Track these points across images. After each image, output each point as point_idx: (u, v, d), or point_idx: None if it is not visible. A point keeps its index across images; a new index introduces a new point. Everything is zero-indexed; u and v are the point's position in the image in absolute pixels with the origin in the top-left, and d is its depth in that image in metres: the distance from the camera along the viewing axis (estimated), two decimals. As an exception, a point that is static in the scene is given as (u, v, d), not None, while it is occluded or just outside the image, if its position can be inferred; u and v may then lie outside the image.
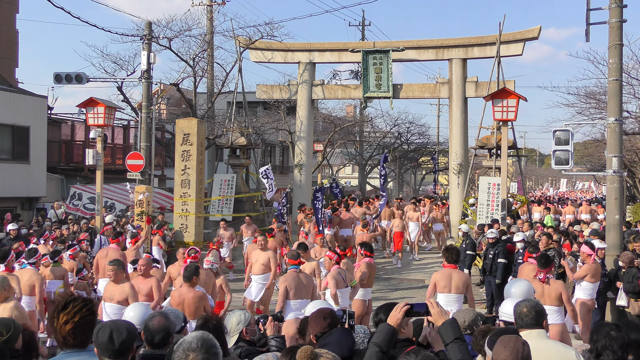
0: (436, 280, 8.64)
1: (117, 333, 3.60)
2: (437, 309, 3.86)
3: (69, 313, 3.46)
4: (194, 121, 18.24)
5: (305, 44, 25.06)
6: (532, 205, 25.38)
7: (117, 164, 27.52)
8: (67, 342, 3.50)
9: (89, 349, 3.57)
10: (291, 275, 8.86)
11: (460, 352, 3.67)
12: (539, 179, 79.42)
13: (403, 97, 24.29)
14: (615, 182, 11.40)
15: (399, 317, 3.80)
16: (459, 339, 3.72)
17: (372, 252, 10.66)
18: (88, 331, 3.57)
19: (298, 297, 8.69)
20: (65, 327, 3.45)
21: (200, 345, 3.17)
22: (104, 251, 11.70)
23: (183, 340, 3.23)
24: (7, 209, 21.17)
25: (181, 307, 8.02)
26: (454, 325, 3.80)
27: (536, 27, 22.19)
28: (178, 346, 3.20)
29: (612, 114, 11.38)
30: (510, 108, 16.04)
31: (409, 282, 16.93)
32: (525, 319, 4.59)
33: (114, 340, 3.58)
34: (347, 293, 9.66)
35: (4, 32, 25.50)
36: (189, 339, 3.22)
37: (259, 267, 11.74)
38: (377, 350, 3.64)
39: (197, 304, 8.03)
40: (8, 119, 21.60)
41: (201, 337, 3.23)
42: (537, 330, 4.56)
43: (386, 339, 3.70)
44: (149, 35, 18.76)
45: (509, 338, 3.62)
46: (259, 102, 33.73)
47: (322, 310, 4.60)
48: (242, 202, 21.44)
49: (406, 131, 41.86)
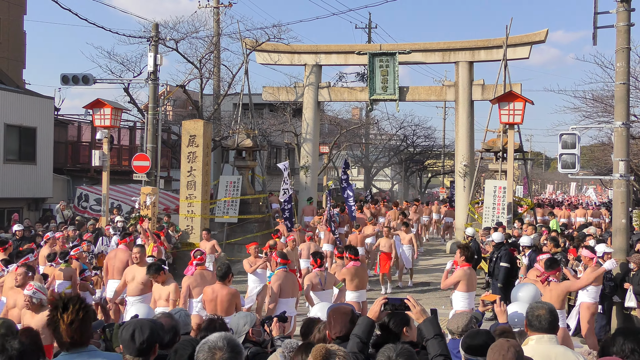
0: (462, 279, 8.82)
1: (139, 331, 3.64)
2: (418, 307, 4.17)
3: (72, 312, 3.45)
4: (200, 123, 18.28)
5: (312, 47, 25.07)
6: (546, 209, 25.46)
7: (123, 165, 27.56)
8: (75, 341, 3.50)
9: (90, 348, 3.58)
10: (282, 274, 9.39)
11: (440, 347, 3.98)
12: (544, 183, 79.17)
13: (409, 99, 24.27)
14: (622, 186, 11.36)
15: (376, 310, 4.18)
16: (439, 335, 4.03)
17: (358, 254, 10.78)
18: (90, 328, 3.60)
19: (286, 295, 9.30)
20: (72, 327, 3.45)
21: (227, 344, 3.23)
22: (113, 252, 11.74)
23: (207, 339, 3.27)
24: (14, 210, 21.25)
25: (214, 303, 8.25)
26: (434, 322, 4.11)
27: (543, 30, 22.15)
28: (203, 345, 3.24)
29: (619, 118, 11.35)
30: (516, 111, 16.03)
31: (413, 285, 16.89)
32: (541, 323, 4.51)
33: (136, 338, 3.63)
34: (326, 295, 9.66)
35: (11, 33, 25.61)
36: (213, 338, 3.27)
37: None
38: (357, 341, 4.02)
39: (230, 301, 8.32)
40: (15, 119, 21.68)
41: (226, 337, 3.29)
42: (549, 335, 4.51)
43: (366, 330, 4.09)
44: (155, 37, 18.81)
45: (502, 342, 3.86)
46: (265, 104, 33.73)
47: (346, 310, 4.57)
48: (248, 204, 21.45)
49: (412, 134, 41.84)
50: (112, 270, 11.38)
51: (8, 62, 25.13)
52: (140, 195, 17.71)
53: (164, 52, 22.77)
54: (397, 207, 23.26)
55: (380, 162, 43.94)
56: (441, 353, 3.94)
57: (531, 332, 4.53)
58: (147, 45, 19.62)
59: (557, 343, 4.54)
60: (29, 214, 22.25)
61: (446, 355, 3.98)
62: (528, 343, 4.54)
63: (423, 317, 4.15)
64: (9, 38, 25.47)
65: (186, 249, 16.81)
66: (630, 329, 4.45)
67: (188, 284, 9.44)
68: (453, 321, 5.33)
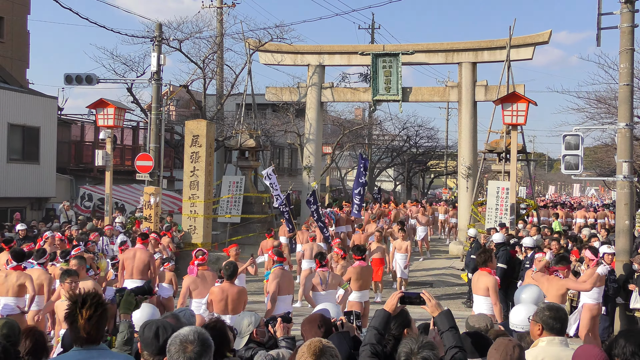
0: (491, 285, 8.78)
1: (162, 330, 3.65)
2: (433, 301, 4.30)
3: (90, 308, 3.46)
4: (203, 123, 18.27)
5: (315, 47, 25.07)
6: (552, 210, 25.43)
7: (126, 165, 27.59)
8: (91, 337, 3.50)
9: (101, 346, 3.59)
10: (279, 272, 9.50)
11: (454, 339, 4.11)
12: (547, 184, 79.04)
13: (412, 100, 24.27)
14: (626, 187, 11.33)
15: (393, 303, 4.32)
16: (453, 327, 4.17)
17: (363, 254, 10.78)
18: (105, 325, 3.62)
19: (284, 293, 9.41)
20: (90, 322, 3.46)
21: (197, 337, 3.24)
22: (131, 252, 11.64)
23: (179, 333, 3.29)
24: (17, 209, 21.28)
25: (224, 302, 8.31)
26: (449, 315, 4.25)
27: (547, 31, 22.13)
28: (175, 338, 3.25)
29: (623, 119, 11.32)
30: (520, 112, 15.99)
31: (417, 286, 16.88)
32: (557, 324, 4.49)
33: (159, 336, 3.64)
34: (329, 296, 9.61)
35: (15, 33, 25.66)
36: (185, 332, 3.28)
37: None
38: (375, 332, 4.20)
39: (240, 299, 8.42)
40: (18, 119, 21.71)
41: (197, 331, 3.30)
42: (560, 337, 4.49)
43: (382, 322, 4.25)
44: (159, 37, 18.83)
45: (505, 342, 3.98)
46: (268, 104, 33.76)
47: (313, 318, 4.64)
48: (251, 204, 21.46)
49: (415, 134, 41.80)
50: (130, 270, 11.24)
51: (12, 62, 25.17)
52: (143, 195, 17.72)
53: (167, 52, 22.81)
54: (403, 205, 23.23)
55: (383, 162, 43.92)
56: (456, 345, 4.08)
57: (545, 333, 4.49)
58: (150, 45, 19.67)
59: (567, 345, 4.50)
60: (31, 214, 22.29)
61: (460, 347, 4.09)
62: (538, 344, 4.50)
63: (438, 310, 4.27)
64: (12, 37, 25.52)
65: (188, 249, 16.78)
66: (633, 331, 4.41)
67: (188, 284, 9.43)
68: (478, 320, 5.35)
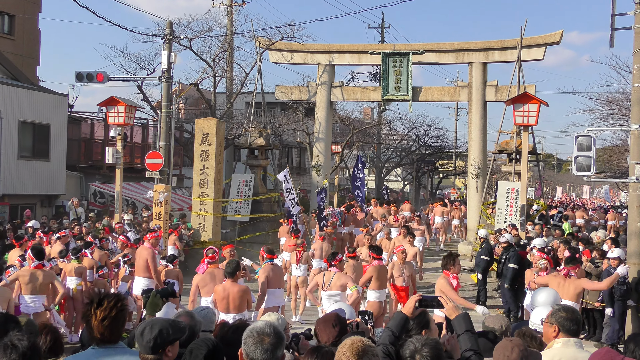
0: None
1: (148, 329, 3.66)
2: (451, 304, 4.33)
3: (106, 309, 3.50)
4: (213, 121, 18.29)
5: (325, 46, 25.02)
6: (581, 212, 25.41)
7: (135, 162, 27.65)
8: (104, 337, 3.54)
9: (119, 345, 3.61)
10: (269, 267, 9.81)
11: (470, 342, 4.16)
12: (555, 185, 78.67)
13: (422, 100, 24.18)
14: (638, 189, 11.24)
15: (411, 306, 4.35)
16: (470, 330, 4.21)
17: (381, 254, 10.90)
18: (122, 326, 3.65)
19: (273, 286, 9.79)
20: (103, 323, 3.50)
21: (273, 330, 3.41)
22: (139, 250, 11.75)
23: (254, 326, 3.45)
24: (27, 206, 21.37)
25: (226, 301, 8.32)
26: (466, 318, 4.30)
27: (558, 31, 22.00)
28: (251, 331, 3.41)
29: (636, 121, 11.24)
30: (531, 113, 15.92)
31: (424, 289, 16.83)
32: (572, 326, 4.48)
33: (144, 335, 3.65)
34: (331, 297, 9.49)
35: (26, 30, 25.76)
36: (260, 325, 3.45)
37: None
38: (389, 333, 4.21)
39: (242, 298, 8.41)
40: (29, 116, 21.79)
41: (271, 324, 3.48)
42: (575, 339, 4.49)
43: (399, 324, 4.28)
44: (170, 35, 18.83)
45: (505, 343, 4.09)
46: (278, 103, 33.74)
47: (328, 317, 4.63)
48: (260, 203, 21.46)
49: (424, 134, 41.71)
50: (136, 267, 11.43)
51: (23, 59, 25.27)
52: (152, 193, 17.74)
53: (177, 50, 22.78)
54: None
55: (391, 162, 43.83)
56: (471, 348, 4.13)
57: (562, 334, 4.48)
58: (160, 44, 19.63)
59: (582, 347, 4.49)
60: (42, 211, 22.37)
61: (476, 350, 4.13)
62: (553, 346, 4.49)
63: (456, 313, 4.32)
64: (23, 35, 25.62)
65: (198, 247, 16.83)
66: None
67: (197, 282, 9.45)
68: (494, 321, 5.33)
